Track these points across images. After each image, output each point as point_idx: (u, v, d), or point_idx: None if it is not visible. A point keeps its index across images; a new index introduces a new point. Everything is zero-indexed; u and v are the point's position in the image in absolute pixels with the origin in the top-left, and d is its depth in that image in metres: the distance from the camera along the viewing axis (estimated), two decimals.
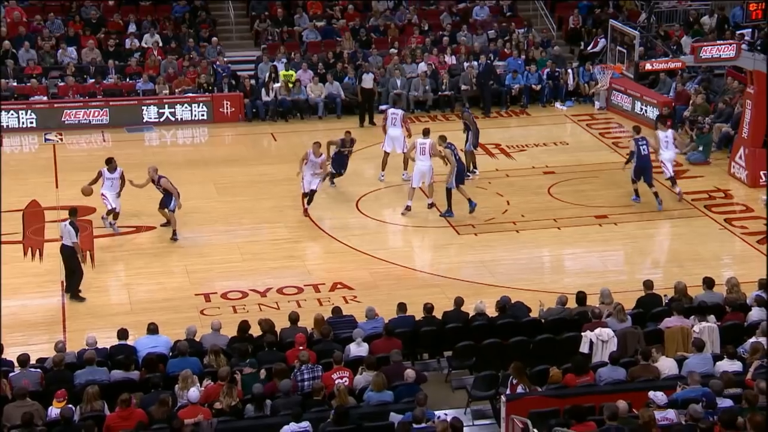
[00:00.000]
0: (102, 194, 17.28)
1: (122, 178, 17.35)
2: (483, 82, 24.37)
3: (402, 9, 27.76)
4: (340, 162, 19.33)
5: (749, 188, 19.46)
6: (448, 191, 17.82)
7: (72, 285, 15.00)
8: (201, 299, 15.10)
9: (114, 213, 17.33)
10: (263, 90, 24.49)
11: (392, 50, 25.91)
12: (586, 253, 16.91)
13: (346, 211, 18.82)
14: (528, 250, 16.80)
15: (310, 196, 18.18)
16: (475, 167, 20.08)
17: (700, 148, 20.96)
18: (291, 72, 24.93)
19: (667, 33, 26.36)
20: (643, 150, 18.12)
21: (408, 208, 17.98)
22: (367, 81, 23.78)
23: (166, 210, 17.23)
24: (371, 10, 27.77)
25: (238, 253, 16.72)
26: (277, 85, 24.54)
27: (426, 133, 18.41)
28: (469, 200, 17.81)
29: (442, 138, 18.25)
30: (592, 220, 18.13)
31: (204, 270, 15.98)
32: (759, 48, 23.04)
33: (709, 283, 13.61)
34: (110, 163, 17.39)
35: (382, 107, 24.87)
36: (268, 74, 24.78)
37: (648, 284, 13.67)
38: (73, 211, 15.28)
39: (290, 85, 24.61)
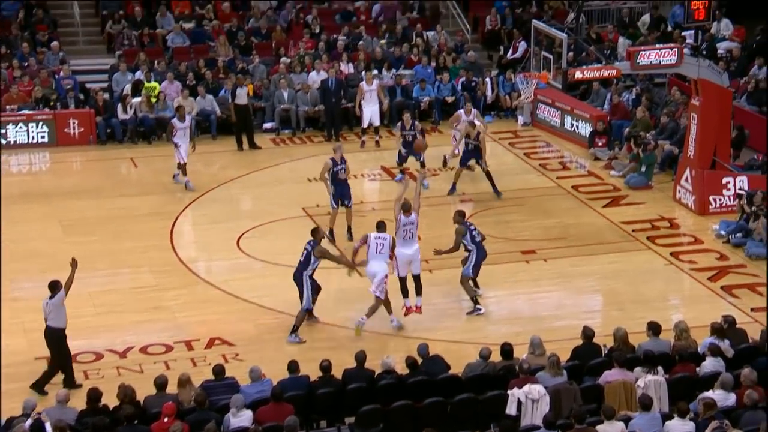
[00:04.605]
0: (177, 146, 20.82)
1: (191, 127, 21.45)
2: (334, 102, 24.29)
3: (288, 7, 27.94)
4: (407, 148, 21.00)
5: (697, 216, 20.10)
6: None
7: (48, 375, 14.21)
8: (43, 364, 14.74)
9: (184, 167, 20.95)
10: (119, 106, 24.25)
11: (283, 59, 26.00)
12: (511, 296, 17.19)
13: (225, 250, 18.72)
14: (443, 292, 16.98)
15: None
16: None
17: (643, 169, 21.58)
18: (154, 84, 24.77)
19: (600, 35, 27.22)
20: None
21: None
22: (241, 96, 23.74)
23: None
24: (250, 9, 27.87)
25: (90, 306, 16.41)
26: (136, 99, 24.33)
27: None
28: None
29: (472, 124, 20.96)
30: (518, 256, 18.46)
31: None
32: (704, 53, 24.01)
33: (654, 328, 13.94)
34: (179, 110, 21.40)
35: (267, 125, 24.98)
36: (131, 87, 24.53)
37: (588, 333, 13.92)
38: (53, 286, 14.23)
39: (153, 100, 24.44)
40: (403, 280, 15.73)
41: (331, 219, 18.68)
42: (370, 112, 23.69)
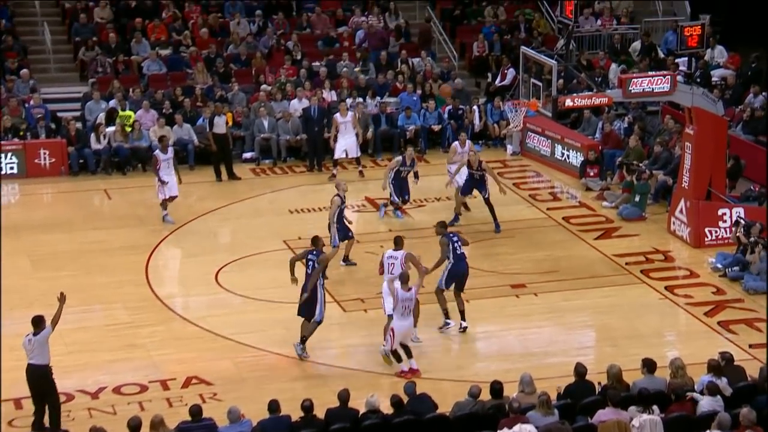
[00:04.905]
0: (162, 181, 20.59)
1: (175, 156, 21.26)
2: (317, 131, 24.25)
3: (268, 33, 28.03)
4: (401, 186, 20.86)
5: (693, 249, 20.17)
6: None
7: (55, 418, 14.15)
8: (10, 406, 14.66)
9: (164, 201, 20.80)
10: (93, 135, 24.24)
11: (264, 86, 26.09)
12: (501, 331, 17.18)
13: (203, 285, 18.67)
14: (430, 328, 16.95)
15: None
16: None
17: (636, 199, 21.66)
18: (129, 113, 24.78)
19: (590, 62, 27.40)
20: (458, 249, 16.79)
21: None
22: (220, 125, 23.77)
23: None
24: (229, 35, 27.95)
25: (61, 344, 16.27)
26: (110, 129, 24.33)
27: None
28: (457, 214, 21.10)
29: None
30: (507, 290, 18.47)
31: (14, 368, 15.42)
32: (698, 80, 24.19)
33: (649, 365, 13.94)
34: (162, 141, 21.27)
35: (246, 155, 24.99)
36: (104, 116, 24.52)
37: (581, 370, 13.92)
38: (38, 321, 14.24)
39: (127, 129, 24.44)
40: (395, 351, 15.59)
41: (329, 257, 18.62)
42: (346, 144, 23.67)
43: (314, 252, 15.89)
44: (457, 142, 22.10)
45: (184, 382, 15.29)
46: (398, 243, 16.39)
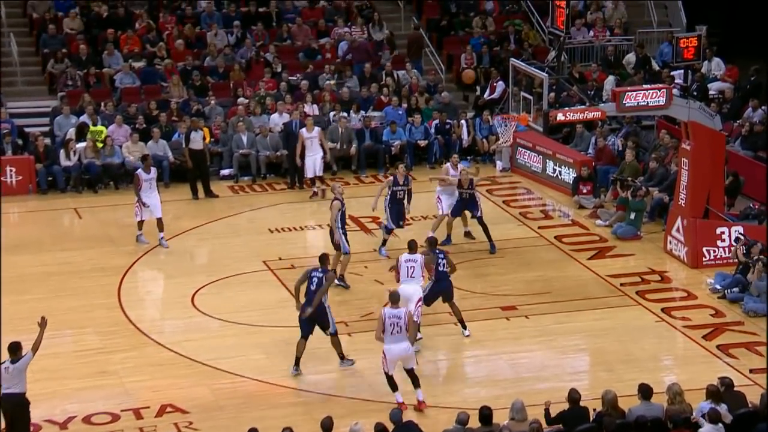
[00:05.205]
0: (142, 204, 20.53)
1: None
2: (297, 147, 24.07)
3: (247, 44, 28.05)
4: (399, 212, 20.25)
5: (690, 269, 20.20)
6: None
7: None
8: None
9: (159, 224, 20.69)
10: (62, 152, 24.19)
11: (241, 99, 26.08)
12: (491, 355, 17.13)
13: (179, 308, 18.61)
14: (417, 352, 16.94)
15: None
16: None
17: (631, 216, 21.70)
18: (100, 128, 24.75)
19: (583, 75, 27.50)
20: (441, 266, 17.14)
21: None
22: (196, 141, 23.73)
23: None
24: (206, 46, 27.96)
25: (27, 371, 16.20)
26: (81, 145, 24.28)
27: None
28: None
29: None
30: (497, 312, 18.46)
31: None
32: (695, 94, 24.30)
33: (645, 391, 13.97)
34: (145, 160, 21.08)
35: (224, 172, 24.92)
36: (75, 131, 24.47)
37: (574, 396, 13.92)
38: (15, 348, 14.09)
39: (99, 145, 24.40)
40: (390, 377, 15.34)
41: (343, 266, 18.93)
42: (312, 161, 23.63)
43: (320, 270, 16.02)
44: (449, 164, 21.96)
45: (158, 410, 15.20)
46: (413, 247, 16.97)
